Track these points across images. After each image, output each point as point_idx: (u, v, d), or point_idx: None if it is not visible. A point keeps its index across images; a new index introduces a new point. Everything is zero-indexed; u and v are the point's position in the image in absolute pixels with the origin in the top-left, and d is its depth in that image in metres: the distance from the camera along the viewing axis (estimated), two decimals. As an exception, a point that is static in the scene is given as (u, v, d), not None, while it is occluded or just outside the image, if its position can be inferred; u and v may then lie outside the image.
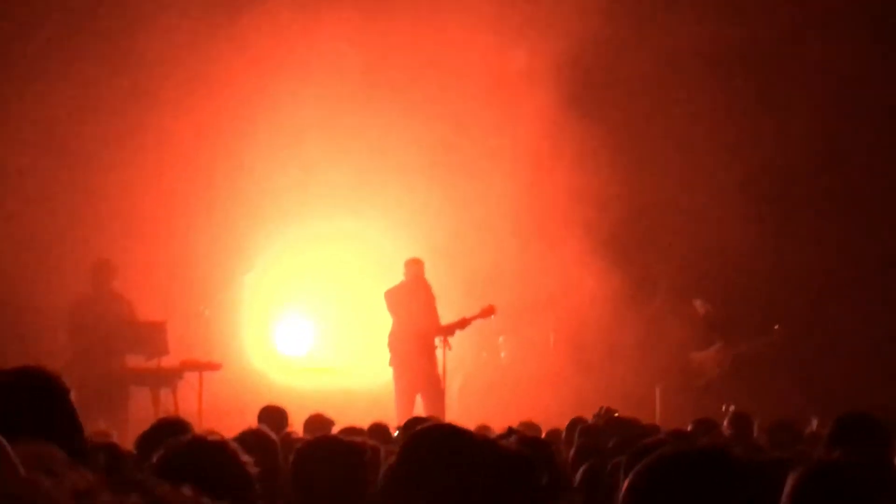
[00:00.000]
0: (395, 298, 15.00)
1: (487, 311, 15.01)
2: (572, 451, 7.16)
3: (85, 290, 14.48)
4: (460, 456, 3.91)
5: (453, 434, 4.02)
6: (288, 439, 7.14)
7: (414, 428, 7.75)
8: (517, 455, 4.34)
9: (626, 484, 2.69)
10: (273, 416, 8.96)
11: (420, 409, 14.25)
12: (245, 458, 3.69)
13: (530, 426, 9.66)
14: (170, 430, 6.05)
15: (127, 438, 7.20)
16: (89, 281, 14.50)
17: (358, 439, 5.33)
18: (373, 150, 17.23)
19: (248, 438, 5.71)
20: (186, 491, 1.36)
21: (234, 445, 3.75)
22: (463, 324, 14.98)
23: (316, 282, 17.59)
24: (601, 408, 10.08)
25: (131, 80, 16.38)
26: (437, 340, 14.88)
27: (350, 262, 17.47)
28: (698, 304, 16.74)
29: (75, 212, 16.04)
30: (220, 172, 16.85)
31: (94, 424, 11.38)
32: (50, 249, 15.68)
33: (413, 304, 14.87)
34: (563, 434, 9.15)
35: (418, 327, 14.76)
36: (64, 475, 1.39)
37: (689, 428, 9.34)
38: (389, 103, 17.05)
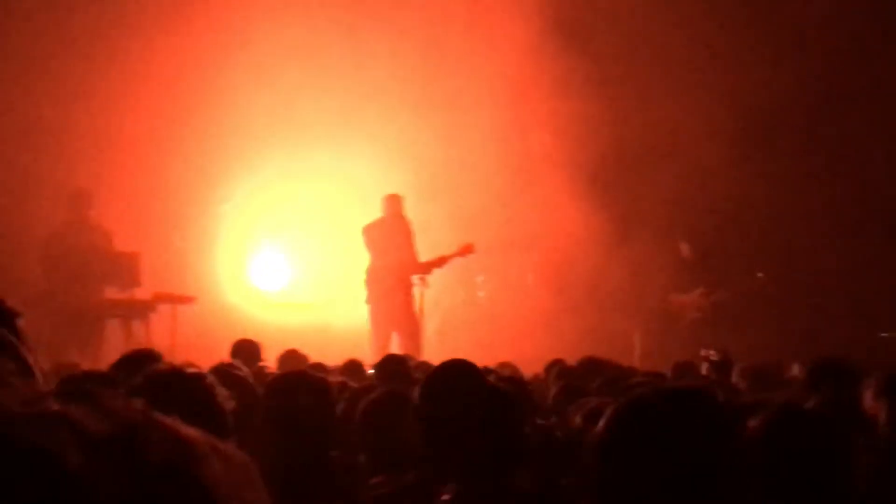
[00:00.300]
0: (373, 234, 14.83)
1: (466, 250, 14.86)
2: (553, 393, 7.04)
3: (61, 218, 14.28)
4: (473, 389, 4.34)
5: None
6: (261, 373, 7.04)
7: (388, 365, 7.73)
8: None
9: (603, 421, 2.62)
10: (247, 349, 8.83)
11: (396, 347, 14.13)
12: (221, 391, 3.61)
13: (508, 367, 9.52)
14: (141, 361, 5.99)
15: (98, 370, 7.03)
16: (66, 210, 14.31)
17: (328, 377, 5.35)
18: (355, 84, 17.00)
19: (221, 372, 5.64)
20: (138, 404, 1.28)
21: (212, 378, 3.68)
22: (441, 262, 14.84)
23: (294, 216, 17.40)
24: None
25: (108, 10, 16.07)
26: (415, 278, 14.74)
27: (329, 196, 17.27)
28: (684, 247, 16.64)
29: (50, 141, 15.78)
30: (198, 102, 16.57)
31: (67, 355, 11.25)
32: (25, 179, 15.44)
33: (391, 241, 14.71)
34: (543, 375, 9.03)
35: (396, 264, 14.60)
36: (13, 385, 1.35)
37: (668, 371, 9.28)
38: (372, 37, 16.84)
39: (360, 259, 15.04)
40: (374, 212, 15.07)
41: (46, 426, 1.19)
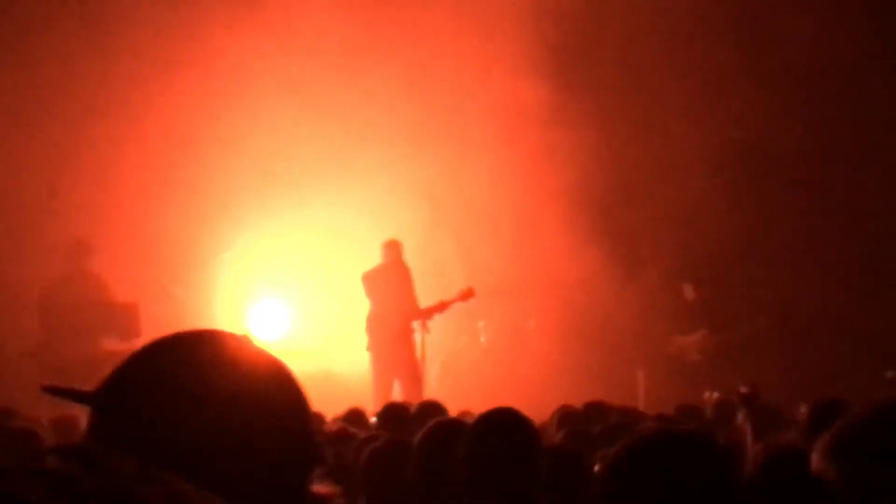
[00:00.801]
0: (373, 281, 14.77)
1: (466, 294, 14.80)
2: (559, 437, 6.98)
3: (59, 269, 14.22)
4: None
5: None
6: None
7: (391, 413, 7.67)
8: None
9: (606, 463, 2.69)
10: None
11: (398, 395, 14.04)
12: None
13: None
14: None
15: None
16: (64, 260, 14.25)
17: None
18: (353, 128, 16.98)
19: None
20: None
21: None
22: (442, 307, 14.77)
23: (292, 264, 17.33)
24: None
25: (106, 58, 16.08)
26: (416, 324, 14.66)
27: (327, 244, 17.20)
28: (687, 288, 16.56)
29: (47, 191, 15.74)
30: (197, 152, 16.55)
31: (64, 408, 11.15)
32: (21, 229, 15.39)
33: (390, 287, 14.65)
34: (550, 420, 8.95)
35: (396, 310, 14.53)
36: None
37: (672, 413, 9.22)
38: (368, 79, 16.81)
39: (360, 306, 14.98)
40: (372, 259, 15.02)
41: (44, 484, 1.21)
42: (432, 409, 7.84)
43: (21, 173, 15.56)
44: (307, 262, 17.28)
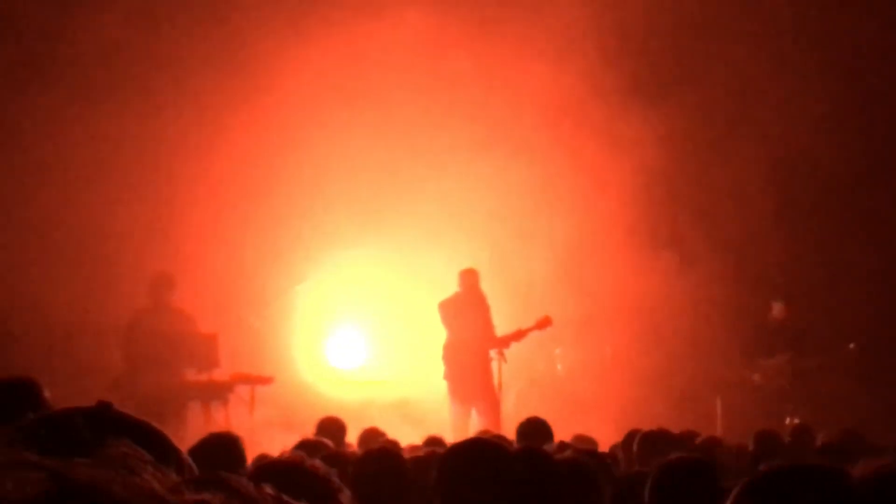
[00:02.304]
0: (450, 310, 14.81)
1: (543, 323, 14.81)
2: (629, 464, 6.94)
3: (143, 302, 14.39)
4: (495, 470, 4.05)
5: (488, 449, 4.19)
6: (345, 452, 7.02)
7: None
8: (570, 466, 4.40)
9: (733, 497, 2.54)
10: (331, 427, 8.80)
11: (476, 423, 14.04)
12: (339, 484, 3.64)
13: (584, 440, 9.41)
14: (220, 444, 5.98)
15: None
16: (148, 293, 14.41)
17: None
18: (425, 159, 17.03)
19: (309, 447, 5.68)
20: (269, 489, 1.37)
21: (329, 472, 3.68)
22: (519, 336, 14.78)
23: (367, 294, 17.41)
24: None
25: (181, 97, 16.28)
26: (493, 353, 14.67)
27: (402, 273, 17.25)
28: (777, 306, 16.20)
29: (127, 225, 15.95)
30: (272, 183, 16.73)
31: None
32: (105, 264, 15.59)
33: (468, 316, 14.68)
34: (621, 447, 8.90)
35: (473, 339, 14.56)
36: (147, 474, 1.40)
37: (750, 443, 9.10)
38: (440, 115, 16.89)
39: (436, 335, 15.01)
40: (449, 287, 15.06)
41: None
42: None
43: (98, 211, 15.78)
44: (382, 292, 17.35)
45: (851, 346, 16.12)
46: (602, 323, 17.01)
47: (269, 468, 3.68)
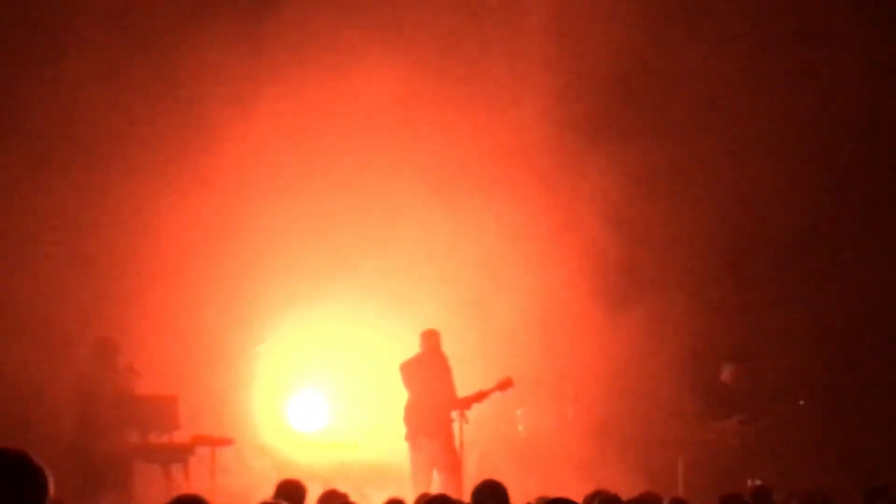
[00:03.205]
0: (411, 371, 14.77)
1: (505, 384, 14.80)
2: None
3: (84, 367, 14.23)
4: None
5: None
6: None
7: None
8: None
9: None
10: (290, 490, 8.72)
11: (437, 484, 13.97)
12: None
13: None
14: None
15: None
16: (90, 358, 14.25)
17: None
18: (384, 215, 17.03)
19: None
20: None
21: None
22: (480, 397, 14.75)
23: (328, 355, 17.30)
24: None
25: (127, 146, 16.20)
26: (454, 414, 14.62)
27: (362, 335, 17.17)
28: (727, 370, 16.35)
29: (81, 286, 15.82)
30: (231, 242, 16.63)
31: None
32: (57, 330, 15.43)
33: (429, 376, 14.64)
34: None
35: (434, 400, 14.51)
36: None
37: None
38: (399, 175, 16.90)
39: (397, 396, 14.94)
40: (409, 349, 15.01)
41: None
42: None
43: (52, 272, 15.63)
44: (344, 351, 17.26)
45: (801, 402, 16.22)
46: (564, 383, 16.99)
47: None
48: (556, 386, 16.95)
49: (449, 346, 15.04)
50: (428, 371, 14.67)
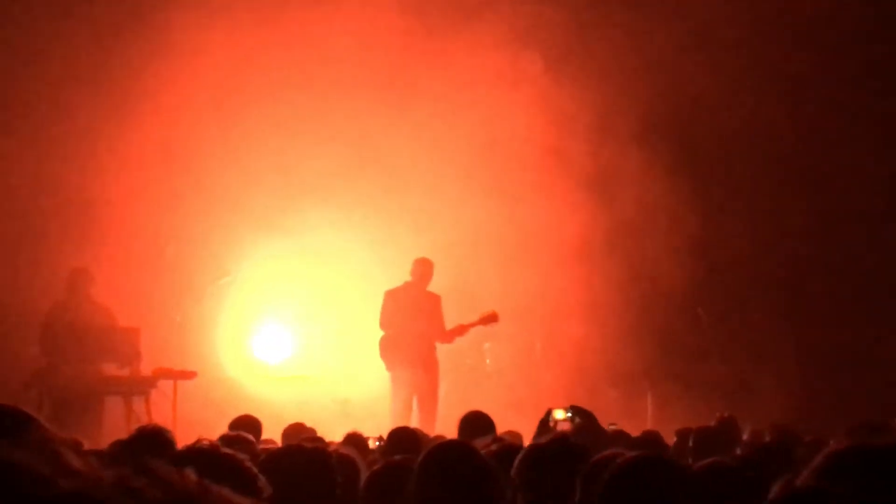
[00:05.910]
0: (396, 299, 14.47)
1: (489, 318, 14.53)
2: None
3: (61, 297, 14.11)
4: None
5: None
6: (264, 448, 6.84)
7: (399, 438, 7.62)
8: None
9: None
10: (246, 426, 8.56)
11: (416, 418, 13.90)
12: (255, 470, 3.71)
13: (513, 435, 9.31)
14: (150, 440, 6.03)
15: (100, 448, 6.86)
16: (66, 289, 14.14)
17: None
18: (358, 155, 16.81)
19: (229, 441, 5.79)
20: (190, 474, 1.41)
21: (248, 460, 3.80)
22: (462, 330, 14.59)
23: (295, 290, 17.15)
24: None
25: (112, 82, 15.96)
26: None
27: (331, 269, 17.02)
28: (702, 314, 16.35)
29: (48, 218, 15.63)
30: (198, 176, 16.39)
31: (67, 433, 10.99)
32: (22, 258, 15.25)
33: (415, 307, 14.41)
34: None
35: (420, 330, 14.31)
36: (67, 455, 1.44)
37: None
38: (375, 109, 16.67)
39: (364, 332, 14.82)
40: (376, 286, 14.85)
41: (109, 495, 1.28)
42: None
43: (22, 201, 15.46)
44: (310, 288, 17.10)
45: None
46: (531, 317, 16.89)
47: (190, 454, 3.83)
48: (523, 321, 16.82)
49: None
50: (415, 301, 14.45)
